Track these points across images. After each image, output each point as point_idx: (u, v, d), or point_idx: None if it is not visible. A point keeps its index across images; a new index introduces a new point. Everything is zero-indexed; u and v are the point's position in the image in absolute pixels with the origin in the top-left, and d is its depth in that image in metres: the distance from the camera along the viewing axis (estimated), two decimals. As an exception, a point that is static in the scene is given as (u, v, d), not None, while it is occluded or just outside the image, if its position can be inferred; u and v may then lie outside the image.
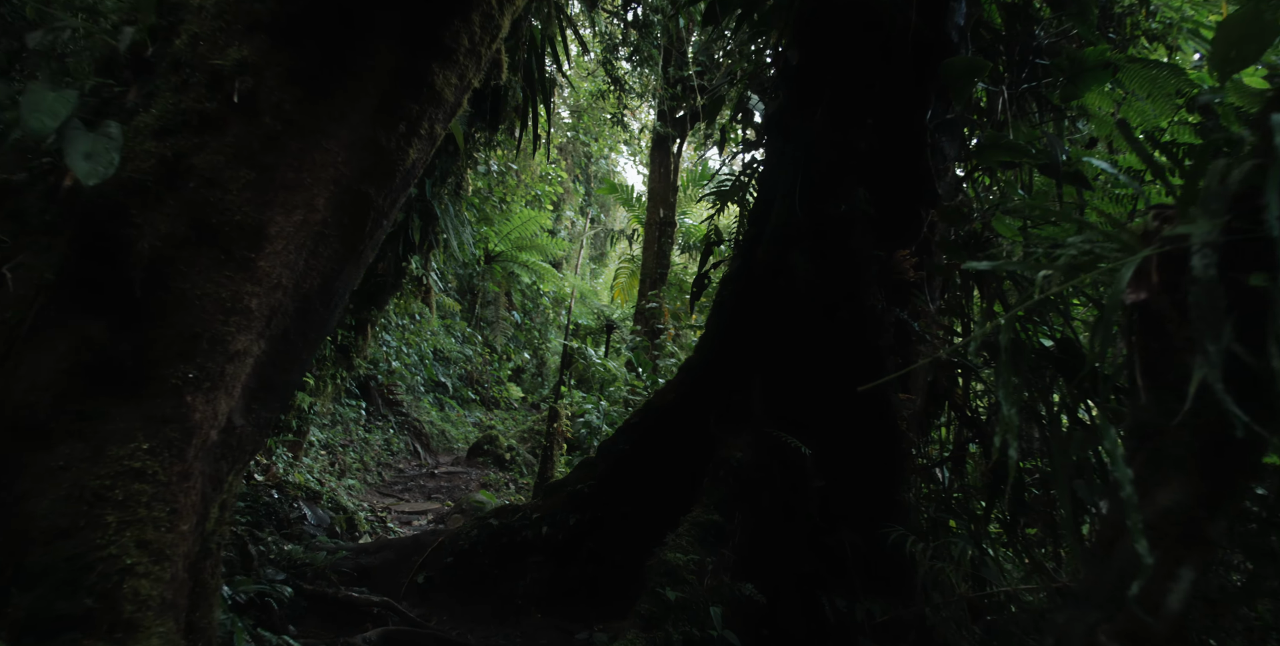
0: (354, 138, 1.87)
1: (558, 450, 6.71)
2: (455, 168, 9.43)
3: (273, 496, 4.08)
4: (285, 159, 1.77)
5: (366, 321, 8.80)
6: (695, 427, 4.22)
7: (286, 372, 1.89)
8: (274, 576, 3.00)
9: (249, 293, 1.71)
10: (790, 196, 4.00)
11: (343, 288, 1.98)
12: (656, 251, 17.18)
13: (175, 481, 1.60)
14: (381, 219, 1.99)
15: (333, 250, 1.89)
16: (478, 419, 16.31)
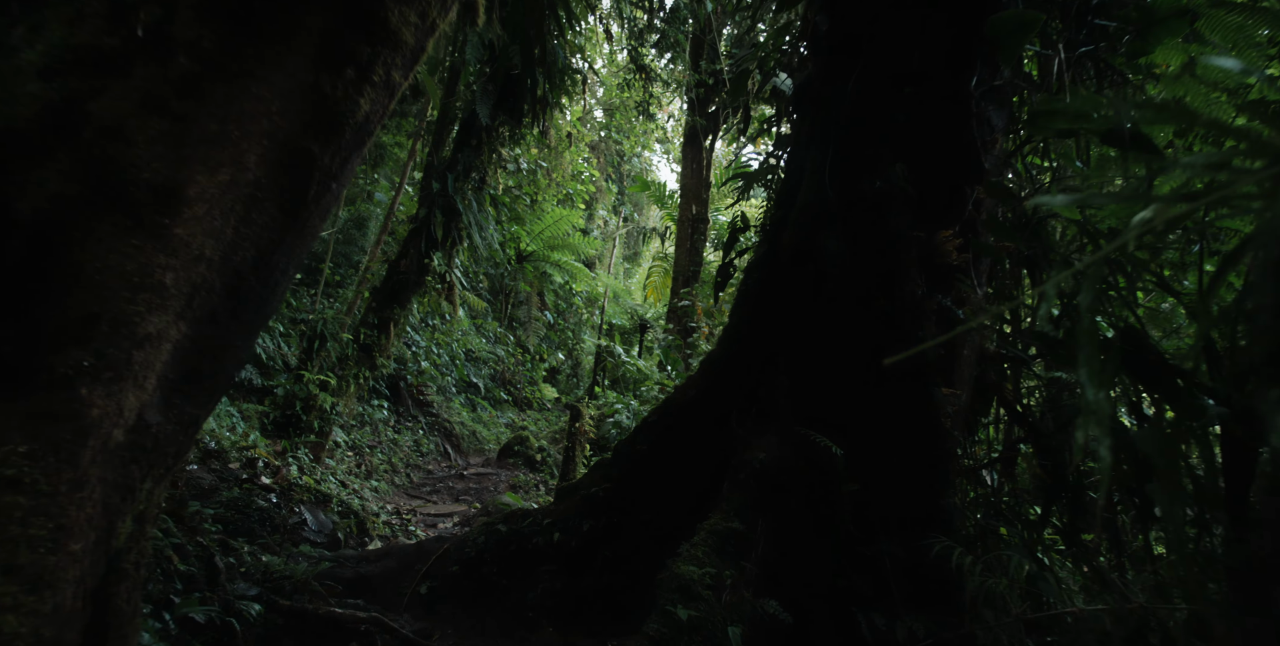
0: (292, 84, 1.59)
1: (580, 451, 6.43)
2: (478, 162, 9.24)
3: (269, 501, 3.87)
4: (206, 107, 1.49)
5: (389, 319, 8.64)
6: (716, 426, 3.90)
7: (217, 361, 1.61)
8: (244, 591, 2.75)
9: (163, 266, 1.44)
10: (820, 174, 3.65)
11: (284, 262, 1.70)
12: (689, 249, 16.83)
13: (63, 492, 1.33)
14: (330, 182, 1.71)
15: (269, 217, 1.62)
16: (510, 419, 16.14)
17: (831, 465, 3.01)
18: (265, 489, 4.10)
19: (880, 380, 3.30)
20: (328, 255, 8.61)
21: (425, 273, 8.68)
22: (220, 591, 2.58)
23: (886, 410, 3.22)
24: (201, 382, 1.60)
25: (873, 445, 3.13)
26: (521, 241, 17.94)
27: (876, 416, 3.19)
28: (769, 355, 3.84)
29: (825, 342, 3.50)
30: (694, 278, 16.68)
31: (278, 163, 1.60)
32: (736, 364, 4.11)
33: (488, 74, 8.75)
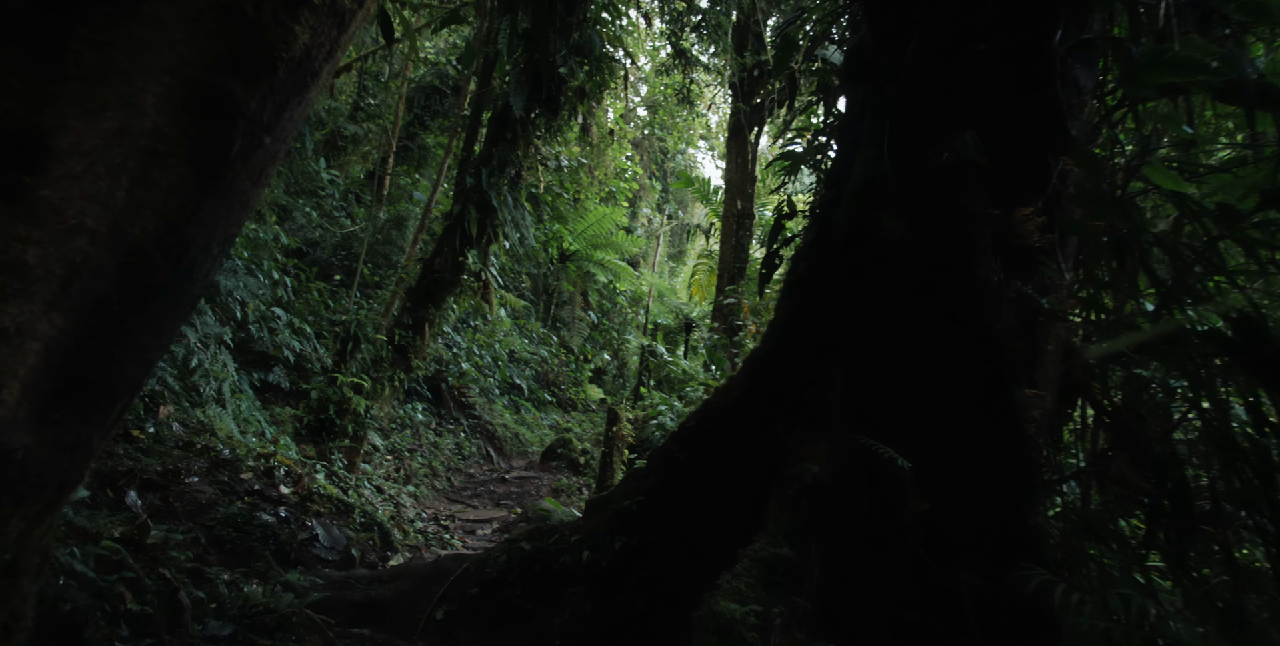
0: (201, 5, 1.24)
1: (619, 456, 6.05)
2: (513, 156, 8.94)
3: (278, 515, 3.58)
4: (81, 29, 1.15)
5: (424, 320, 8.40)
6: (761, 432, 3.48)
7: (112, 362, 1.27)
8: (215, 631, 2.43)
9: (23, 238, 1.10)
10: (876, 146, 3.20)
11: (204, 237, 1.35)
12: (734, 245, 16.34)
13: None
14: (260, 134, 1.36)
15: (177, 178, 1.27)
16: (554, 421, 15.88)
17: (896, 480, 2.57)
18: (276, 501, 3.82)
19: (951, 380, 2.84)
20: (362, 254, 8.41)
21: (460, 271, 8.41)
22: (182, 633, 2.27)
23: (960, 415, 2.76)
24: (93, 391, 1.25)
25: (944, 456, 2.67)
26: (564, 240, 17.68)
27: (948, 423, 2.73)
28: (819, 352, 3.40)
29: (885, 337, 3.04)
30: (740, 274, 16.19)
31: (186, 107, 1.25)
32: (782, 362, 3.68)
33: (522, 65, 8.44)
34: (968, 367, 2.84)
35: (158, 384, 4.45)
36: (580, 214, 17.77)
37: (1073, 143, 3.03)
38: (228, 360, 5.27)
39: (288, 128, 1.44)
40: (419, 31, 11.35)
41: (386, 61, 10.29)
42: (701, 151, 25.41)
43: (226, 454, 4.26)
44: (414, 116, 17.80)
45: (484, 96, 8.88)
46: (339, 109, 15.95)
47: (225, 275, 6.11)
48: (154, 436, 3.83)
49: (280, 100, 1.38)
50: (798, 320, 3.73)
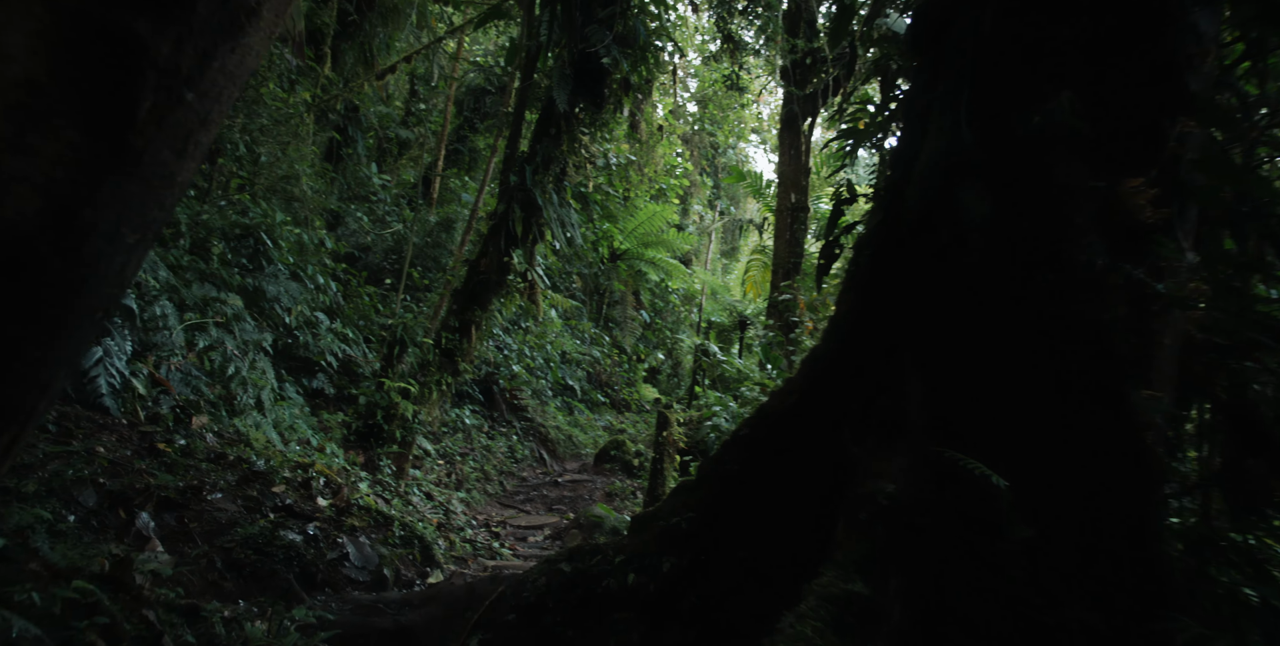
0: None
1: (669, 462, 5.71)
2: (558, 152, 8.68)
3: (305, 532, 3.35)
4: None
5: (470, 322, 8.20)
6: (823, 441, 3.10)
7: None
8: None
9: None
10: (952, 114, 2.78)
11: (111, 222, 1.06)
12: (789, 240, 15.82)
13: None
14: (180, 89, 1.07)
15: (65, 144, 0.98)
16: (608, 422, 15.63)
17: (991, 501, 2.16)
18: (306, 516, 3.61)
19: (1050, 382, 2.42)
20: (408, 256, 8.27)
21: (506, 272, 8.19)
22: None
23: (1064, 424, 2.33)
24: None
25: (1048, 473, 2.25)
26: (614, 239, 17.42)
27: (1050, 433, 2.31)
28: (889, 351, 3.00)
29: (967, 334, 2.63)
30: (795, 269, 15.67)
31: (71, 51, 0.96)
32: (846, 363, 3.29)
33: (565, 58, 8.18)
34: (1070, 367, 2.41)
35: (192, 393, 4.30)
36: (630, 212, 17.48)
37: (1193, 99, 2.57)
38: (267, 367, 5.12)
39: (220, 83, 1.14)
40: (463, 29, 11.23)
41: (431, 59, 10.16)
42: (753, 145, 24.90)
43: (260, 466, 4.07)
44: (464, 120, 17.81)
45: (527, 92, 8.65)
46: (391, 115, 16.02)
47: (268, 280, 5.99)
48: (183, 450, 3.65)
49: (204, 45, 1.08)
50: (862, 315, 3.34)
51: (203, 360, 4.67)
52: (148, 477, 2.95)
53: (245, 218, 5.96)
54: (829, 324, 3.58)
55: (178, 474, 3.25)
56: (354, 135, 13.88)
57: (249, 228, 5.98)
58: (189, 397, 4.25)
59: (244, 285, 5.66)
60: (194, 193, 6.18)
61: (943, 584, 2.12)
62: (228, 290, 5.43)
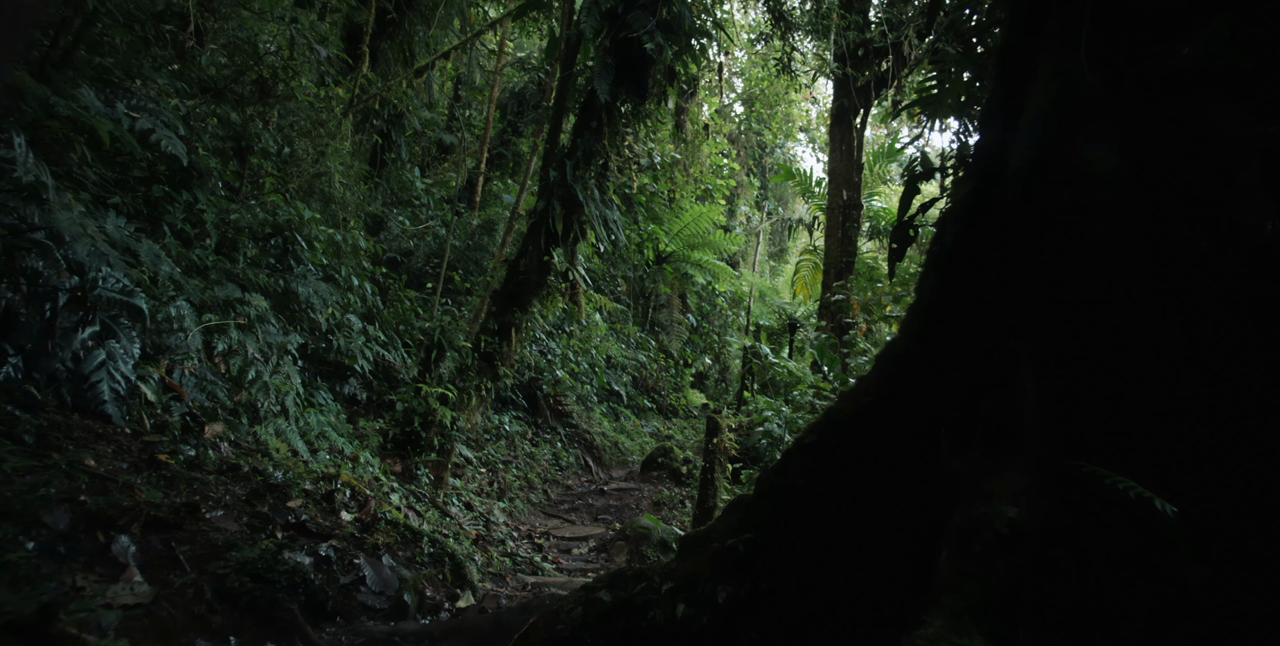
0: None
1: (720, 471, 5.23)
2: (600, 146, 8.29)
3: (316, 553, 2.97)
4: None
5: (510, 325, 7.85)
6: (909, 450, 2.61)
7: None
8: None
9: None
10: (1070, 52, 2.27)
11: None
12: (840, 238, 15.20)
13: None
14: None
15: None
16: (655, 428, 15.18)
17: (1150, 531, 1.66)
18: (321, 535, 3.24)
19: (1213, 378, 1.89)
20: (445, 257, 7.97)
21: (546, 272, 7.82)
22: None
23: (1239, 431, 1.81)
24: None
25: (1227, 496, 1.73)
26: (660, 241, 17.00)
27: (1227, 445, 1.79)
28: (988, 342, 2.50)
29: (1098, 319, 2.12)
30: (847, 269, 15.04)
31: None
32: (931, 358, 2.79)
33: (606, 46, 7.80)
34: (1238, 358, 1.89)
35: (207, 399, 4.00)
36: (676, 213, 17.05)
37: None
38: (292, 372, 4.82)
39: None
40: (502, 22, 10.96)
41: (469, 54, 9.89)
42: (801, 144, 24.24)
43: (277, 478, 3.74)
44: (507, 124, 17.63)
45: (568, 84, 8.29)
46: (435, 120, 15.91)
47: (298, 281, 5.72)
48: (189, 461, 3.33)
49: None
50: (949, 302, 2.83)
51: (224, 364, 4.37)
52: (138, 494, 2.62)
53: (274, 216, 5.69)
54: (907, 314, 3.08)
55: (176, 489, 2.91)
56: (397, 140, 13.77)
57: (278, 226, 5.72)
58: (203, 404, 3.95)
59: (271, 286, 5.38)
60: (224, 192, 5.95)
61: (1093, 639, 1.62)
62: (254, 291, 5.15)
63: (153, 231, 4.96)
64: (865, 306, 14.51)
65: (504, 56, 14.71)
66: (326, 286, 5.80)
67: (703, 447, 13.79)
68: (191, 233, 5.17)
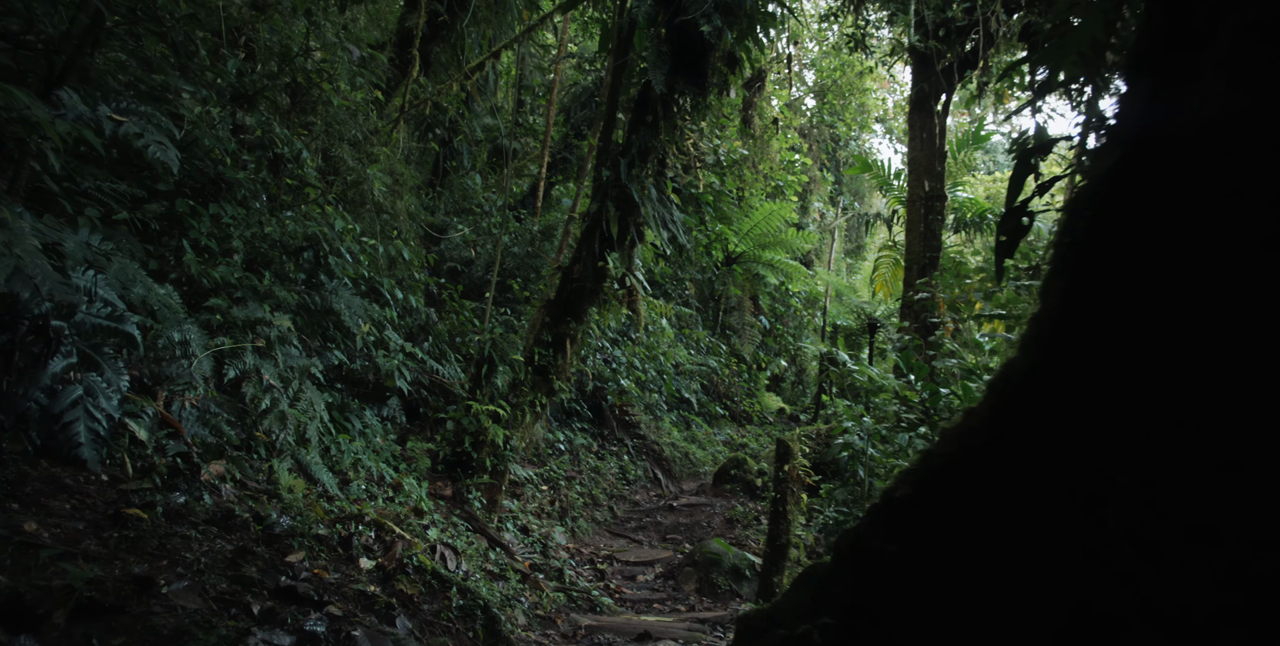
0: None
1: (793, 504, 4.53)
2: (656, 142, 7.69)
3: (300, 628, 2.46)
4: None
5: (565, 336, 7.33)
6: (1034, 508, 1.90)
7: None
8: None
9: None
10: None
11: None
12: (923, 232, 14.12)
13: None
14: None
15: None
16: (728, 436, 14.46)
17: None
18: (315, 601, 2.75)
19: None
20: (496, 267, 7.52)
21: (602, 278, 7.27)
22: None
23: None
24: None
25: None
26: (729, 241, 16.26)
27: None
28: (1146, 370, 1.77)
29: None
30: (932, 265, 13.95)
31: None
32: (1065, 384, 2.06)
33: (660, 34, 7.20)
34: None
35: (211, 434, 3.59)
36: (745, 212, 16.28)
37: None
38: (316, 397, 4.39)
39: None
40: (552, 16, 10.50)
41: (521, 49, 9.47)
42: (877, 135, 23.04)
43: (284, 524, 3.28)
44: (570, 126, 17.24)
45: (621, 75, 7.72)
46: (497, 126, 15.66)
47: (332, 297, 5.33)
48: (173, 512, 2.91)
49: None
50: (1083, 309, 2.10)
51: (239, 391, 3.97)
52: (80, 566, 2.17)
53: (303, 227, 5.32)
54: (1029, 327, 2.33)
55: (139, 553, 2.47)
56: (459, 148, 13.53)
57: (310, 238, 5.35)
58: (205, 440, 3.53)
59: (305, 302, 5.00)
60: (261, 204, 5.63)
61: None
62: (282, 310, 4.76)
63: (175, 248, 4.63)
64: (952, 305, 13.42)
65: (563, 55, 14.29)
66: (361, 301, 5.39)
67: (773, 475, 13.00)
68: (216, 248, 4.84)
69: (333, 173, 7.34)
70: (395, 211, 8.10)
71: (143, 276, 3.17)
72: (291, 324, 4.63)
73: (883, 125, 22.58)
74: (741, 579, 6.86)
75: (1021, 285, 10.74)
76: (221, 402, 3.80)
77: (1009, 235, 2.92)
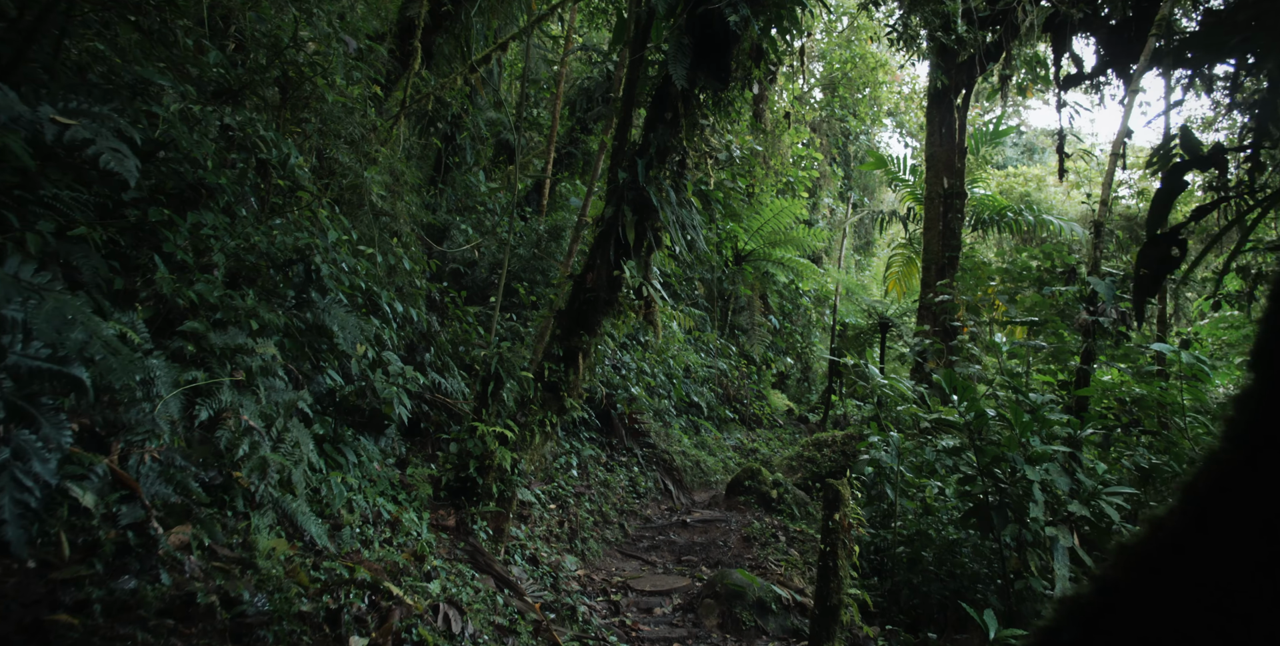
0: None
1: (843, 556, 3.96)
2: (676, 141, 7.10)
3: None
4: None
5: (577, 350, 6.75)
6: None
7: None
8: None
9: None
10: None
11: None
12: (941, 231, 13.53)
13: None
14: None
15: None
16: (738, 441, 13.90)
17: None
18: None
19: None
20: (504, 272, 6.92)
21: (617, 287, 6.69)
22: None
23: None
24: None
25: None
26: (739, 240, 15.65)
27: None
28: None
29: None
30: (950, 265, 13.36)
31: None
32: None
33: (681, 25, 6.58)
34: None
35: (175, 493, 3.02)
36: (755, 209, 15.66)
37: None
38: (303, 437, 3.82)
39: None
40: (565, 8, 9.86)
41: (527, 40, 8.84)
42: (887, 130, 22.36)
43: (257, 605, 2.72)
44: (576, 121, 16.57)
45: (638, 69, 7.10)
46: (501, 120, 15.01)
47: (324, 314, 4.75)
48: (114, 606, 2.35)
49: None
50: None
51: (214, 435, 3.40)
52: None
53: (293, 237, 4.74)
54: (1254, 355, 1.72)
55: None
56: (461, 143, 12.89)
57: (301, 250, 4.76)
58: (169, 500, 2.96)
59: (292, 324, 4.42)
60: (244, 211, 5.04)
61: None
62: (266, 335, 4.19)
63: (146, 265, 4.04)
64: (972, 307, 12.82)
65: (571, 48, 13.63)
66: (356, 320, 4.81)
67: (793, 465, 12.43)
68: (193, 263, 4.25)
69: (328, 175, 6.75)
70: (395, 213, 7.50)
71: (86, 315, 2.58)
72: (277, 351, 4.05)
73: (894, 119, 21.91)
74: (768, 614, 6.31)
75: (1052, 289, 10.16)
76: (191, 452, 3.22)
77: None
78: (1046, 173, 21.30)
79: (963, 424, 6.00)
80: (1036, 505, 5.32)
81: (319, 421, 4.55)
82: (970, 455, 6.06)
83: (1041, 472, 5.50)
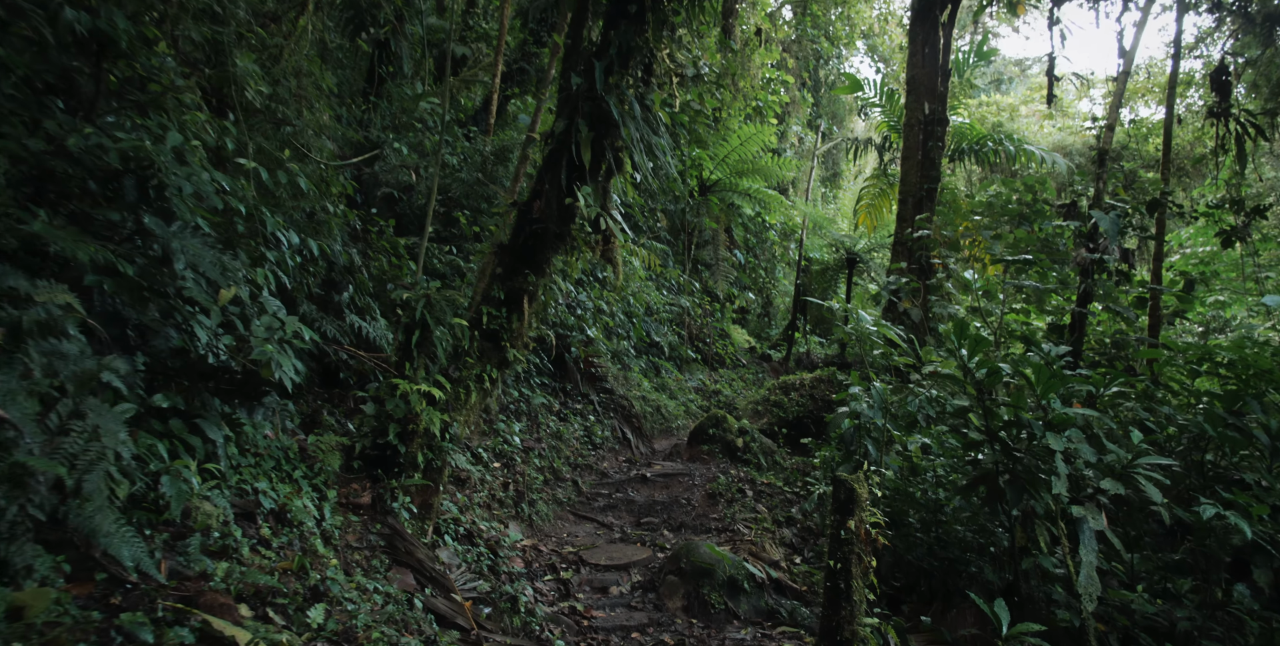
0: None
1: (857, 573, 2.98)
2: (642, 41, 5.73)
3: None
4: None
5: (522, 292, 5.54)
6: None
7: None
8: None
9: None
10: None
11: None
12: (920, 161, 12.35)
13: None
14: None
15: None
16: (700, 382, 12.99)
17: None
18: None
19: None
20: (431, 199, 5.59)
21: (569, 218, 5.44)
22: None
23: None
24: None
25: None
26: (704, 168, 14.29)
27: None
28: None
29: None
30: (929, 198, 12.26)
31: None
32: None
33: (646, -115, 5.11)
34: None
35: None
36: (722, 135, 14.25)
37: None
38: (114, 426, 2.61)
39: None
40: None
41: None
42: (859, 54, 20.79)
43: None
44: (529, 33, 14.69)
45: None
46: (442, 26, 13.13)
47: (174, 243, 3.44)
48: None
49: None
50: None
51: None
52: None
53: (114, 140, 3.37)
54: None
55: None
56: (398, 52, 11.13)
57: (130, 158, 3.41)
58: None
59: (108, 260, 3.13)
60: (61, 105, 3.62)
61: None
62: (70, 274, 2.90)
63: None
64: (952, 243, 11.81)
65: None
66: (214, 254, 3.52)
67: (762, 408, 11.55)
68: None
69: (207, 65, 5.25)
70: (302, 125, 6.04)
71: None
72: (74, 299, 2.78)
73: (866, 42, 20.31)
74: (739, 594, 5.44)
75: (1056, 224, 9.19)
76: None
77: None
78: (1019, 102, 20.14)
79: (968, 381, 5.04)
80: (1059, 479, 4.42)
81: (164, 395, 3.32)
82: (975, 418, 5.14)
83: (1065, 441, 4.59)
